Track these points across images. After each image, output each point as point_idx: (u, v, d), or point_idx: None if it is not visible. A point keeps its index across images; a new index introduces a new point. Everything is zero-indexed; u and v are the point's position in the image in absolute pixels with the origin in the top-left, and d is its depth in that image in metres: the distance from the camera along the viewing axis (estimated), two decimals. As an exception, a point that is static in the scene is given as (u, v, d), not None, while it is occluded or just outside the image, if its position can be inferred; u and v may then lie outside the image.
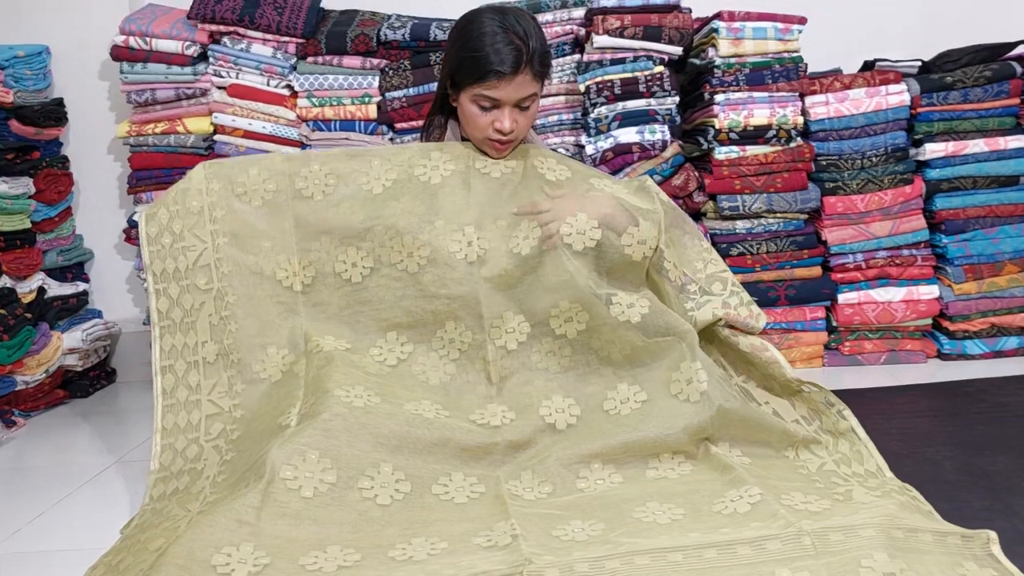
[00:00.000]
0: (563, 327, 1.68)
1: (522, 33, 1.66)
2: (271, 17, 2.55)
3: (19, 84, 2.64)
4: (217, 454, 1.62)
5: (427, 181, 1.73)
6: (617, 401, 1.65)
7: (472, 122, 1.73)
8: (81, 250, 2.88)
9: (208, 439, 1.65)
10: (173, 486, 1.60)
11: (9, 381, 2.37)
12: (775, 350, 1.75)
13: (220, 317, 1.69)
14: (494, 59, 1.64)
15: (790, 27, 2.49)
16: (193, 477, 1.60)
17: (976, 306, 2.52)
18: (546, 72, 1.73)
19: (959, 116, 2.53)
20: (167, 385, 1.68)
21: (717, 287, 1.81)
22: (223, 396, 1.67)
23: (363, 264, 1.71)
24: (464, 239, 1.69)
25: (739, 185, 2.50)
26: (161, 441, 1.65)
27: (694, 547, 1.22)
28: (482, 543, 1.30)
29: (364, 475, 1.45)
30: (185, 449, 1.64)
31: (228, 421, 1.65)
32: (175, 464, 1.63)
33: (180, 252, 1.71)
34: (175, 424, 1.66)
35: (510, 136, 1.72)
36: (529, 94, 1.70)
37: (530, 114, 1.75)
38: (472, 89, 1.69)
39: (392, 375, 1.66)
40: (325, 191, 1.73)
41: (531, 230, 1.69)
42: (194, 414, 1.66)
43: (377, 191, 1.73)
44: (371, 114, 2.61)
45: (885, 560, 1.13)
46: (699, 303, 1.78)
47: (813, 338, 2.56)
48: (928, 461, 1.73)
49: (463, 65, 1.69)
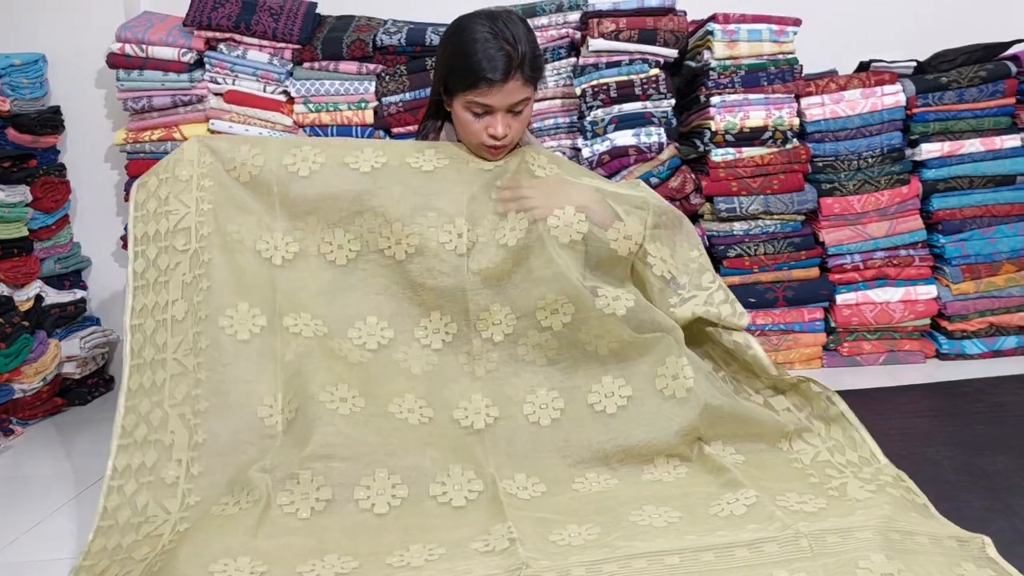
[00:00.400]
0: (549, 319, 1.68)
1: (511, 39, 1.65)
2: (267, 23, 2.55)
3: (15, 92, 2.64)
4: (186, 429, 1.54)
5: (419, 167, 1.73)
6: (602, 395, 1.64)
7: (466, 128, 1.73)
8: (79, 258, 2.88)
9: (172, 403, 1.56)
10: (139, 460, 1.53)
11: (6, 389, 2.37)
12: (758, 347, 1.75)
13: (193, 276, 1.63)
14: (485, 66, 1.63)
15: (785, 29, 2.49)
16: (160, 454, 1.53)
17: (974, 306, 2.52)
18: (537, 76, 1.73)
19: (955, 116, 2.53)
20: (135, 345, 1.63)
21: (707, 279, 1.81)
22: (187, 354, 1.59)
23: (349, 248, 1.70)
24: (455, 230, 1.68)
25: (736, 187, 2.50)
26: (125, 402, 1.58)
27: (691, 550, 1.22)
28: (479, 548, 1.30)
29: (359, 485, 1.45)
30: (149, 414, 1.57)
31: (192, 384, 1.57)
32: (138, 431, 1.56)
33: (163, 216, 1.68)
34: (140, 384, 1.60)
35: (504, 141, 1.72)
36: (521, 99, 1.70)
37: (523, 117, 1.75)
38: (464, 96, 1.69)
39: (373, 362, 1.64)
40: (313, 168, 1.70)
41: (518, 221, 1.69)
42: (159, 374, 1.59)
43: (365, 170, 1.70)
44: (368, 119, 2.61)
45: (882, 561, 1.13)
46: (683, 299, 1.78)
47: (811, 339, 2.56)
48: (928, 461, 1.73)
49: (454, 72, 1.69)
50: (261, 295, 1.64)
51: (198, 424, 1.54)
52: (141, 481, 1.52)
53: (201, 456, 1.52)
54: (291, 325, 1.62)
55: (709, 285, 1.81)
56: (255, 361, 1.58)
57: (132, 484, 1.52)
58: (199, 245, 1.65)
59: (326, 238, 1.70)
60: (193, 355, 1.58)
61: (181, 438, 1.54)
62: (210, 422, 1.54)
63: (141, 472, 1.53)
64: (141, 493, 1.51)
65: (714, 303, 1.78)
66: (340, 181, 1.70)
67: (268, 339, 1.61)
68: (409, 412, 1.58)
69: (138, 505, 1.50)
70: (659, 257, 1.76)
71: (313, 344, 1.61)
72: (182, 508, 1.47)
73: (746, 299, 2.53)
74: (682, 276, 1.79)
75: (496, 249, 1.68)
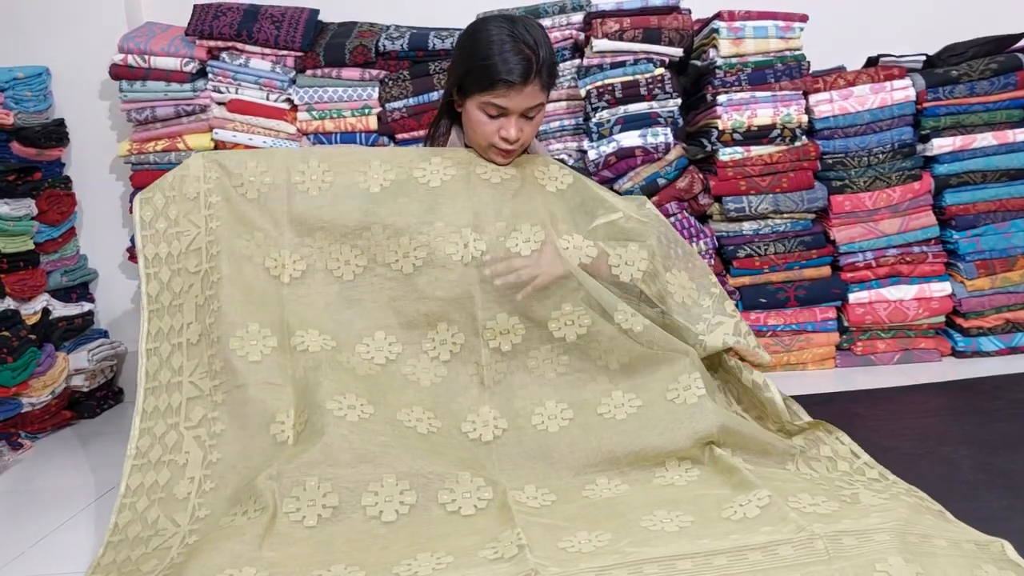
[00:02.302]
0: (563, 330, 1.66)
1: (532, 43, 1.64)
2: (269, 31, 2.55)
3: (19, 105, 2.64)
4: (200, 449, 1.56)
5: (427, 183, 1.72)
6: (612, 406, 1.63)
7: (478, 129, 1.72)
8: (85, 270, 2.87)
9: (188, 426, 1.58)
10: (152, 478, 1.55)
11: (15, 403, 2.36)
12: (776, 392, 1.70)
13: (205, 297, 1.65)
14: (502, 68, 1.62)
15: (791, 25, 2.46)
16: (174, 473, 1.54)
17: (990, 302, 2.48)
18: (553, 83, 1.73)
19: (966, 110, 2.50)
20: (151, 368, 1.64)
21: (729, 307, 1.79)
22: (203, 377, 1.61)
23: (356, 263, 1.69)
24: (461, 240, 1.67)
25: (744, 186, 2.48)
26: (140, 424, 1.60)
27: (704, 554, 1.19)
28: (488, 556, 1.28)
29: (367, 491, 1.44)
30: (164, 435, 1.59)
31: (209, 407, 1.59)
32: (153, 452, 1.58)
33: (174, 237, 1.69)
34: (155, 407, 1.61)
35: (515, 145, 1.71)
36: (536, 103, 1.69)
37: (535, 123, 1.74)
38: (480, 97, 1.68)
39: (382, 375, 1.63)
40: (321, 187, 1.70)
41: (532, 233, 1.68)
42: (175, 396, 1.61)
43: (375, 190, 1.71)
44: (371, 125, 2.59)
45: (900, 564, 1.10)
46: (710, 325, 1.75)
47: (824, 339, 2.53)
48: (945, 461, 1.69)
49: (471, 73, 1.68)
50: (270, 313, 1.64)
51: (213, 445, 1.55)
52: (152, 498, 1.53)
53: (213, 474, 1.53)
54: (299, 344, 1.62)
55: (733, 313, 1.79)
56: (267, 380, 1.58)
57: (144, 501, 1.53)
58: (209, 265, 1.66)
59: (333, 253, 1.70)
60: (209, 378, 1.60)
61: (195, 458, 1.55)
62: (225, 443, 1.55)
63: (153, 489, 1.54)
64: (152, 508, 1.51)
65: (741, 333, 1.77)
66: (348, 199, 1.70)
67: (279, 358, 1.61)
68: (418, 421, 1.57)
69: (148, 520, 1.50)
70: (678, 284, 1.75)
71: (321, 357, 1.60)
72: (192, 521, 1.47)
73: (757, 299, 2.50)
74: (704, 298, 1.77)
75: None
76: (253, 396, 1.56)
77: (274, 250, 1.69)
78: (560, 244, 1.66)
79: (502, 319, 1.67)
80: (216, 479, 1.52)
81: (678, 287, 1.76)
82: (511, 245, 1.67)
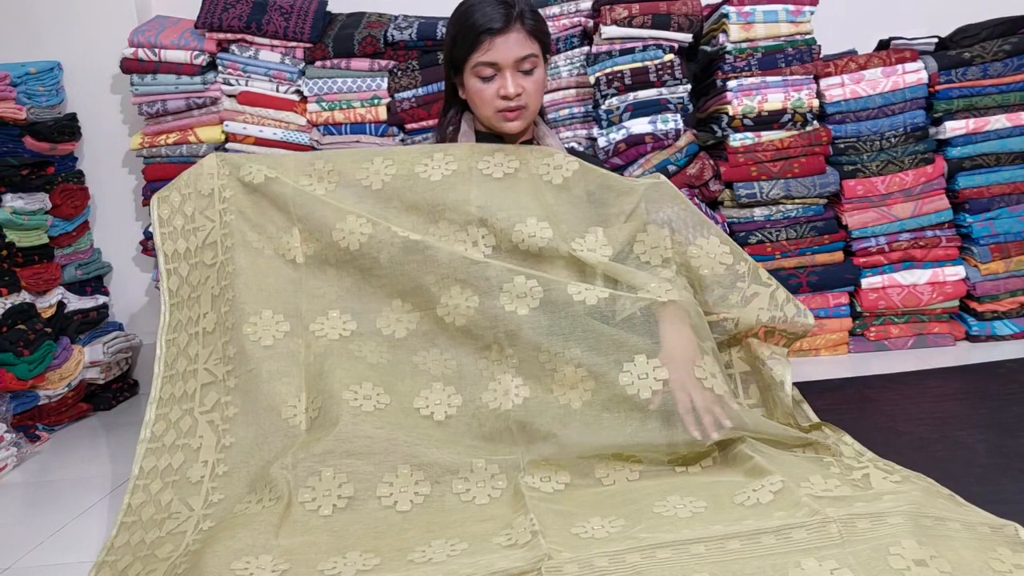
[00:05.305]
0: (583, 294, 1.58)
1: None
2: (278, 23, 2.55)
3: (32, 100, 2.66)
4: (214, 434, 1.58)
5: (427, 178, 1.72)
6: (634, 376, 1.53)
7: (479, 97, 1.72)
8: (99, 263, 2.89)
9: (203, 411, 1.62)
10: (166, 461, 1.58)
11: (32, 396, 2.38)
12: (789, 391, 1.64)
13: (220, 287, 1.68)
14: (482, 20, 1.65)
15: (801, 8, 2.45)
16: (188, 457, 1.57)
17: (1004, 285, 2.47)
18: (540, 28, 1.72)
19: (979, 92, 2.48)
20: (169, 357, 1.69)
21: (764, 275, 1.71)
22: (217, 363, 1.64)
23: (361, 231, 1.66)
24: (468, 239, 1.67)
25: (755, 172, 2.47)
26: (156, 411, 1.64)
27: (717, 539, 1.19)
28: (502, 542, 1.28)
29: (382, 481, 1.45)
30: (179, 420, 1.62)
31: (223, 392, 1.62)
32: (167, 436, 1.61)
33: (191, 233, 1.74)
34: (171, 395, 1.65)
35: (518, 101, 1.71)
36: (527, 54, 1.69)
37: (536, 80, 1.73)
38: (470, 61, 1.69)
39: (394, 363, 1.62)
40: (328, 188, 1.73)
41: (539, 229, 1.65)
42: (190, 383, 1.65)
43: (376, 187, 1.72)
44: (381, 116, 2.59)
45: (914, 547, 1.10)
46: (745, 297, 1.68)
47: (837, 324, 2.52)
48: (960, 445, 1.69)
49: (456, 41, 1.70)
50: (284, 300, 1.66)
51: (226, 429, 1.58)
52: (166, 480, 1.55)
53: (227, 457, 1.55)
54: (317, 330, 1.64)
55: (769, 282, 1.71)
56: (279, 364, 1.60)
57: (157, 483, 1.56)
58: (224, 257, 1.69)
59: (338, 224, 1.69)
60: (223, 364, 1.63)
61: (209, 441, 1.58)
62: (238, 426, 1.57)
63: (167, 472, 1.56)
64: (166, 491, 1.54)
65: (778, 303, 1.69)
66: (354, 199, 1.71)
67: (291, 342, 1.63)
68: (436, 405, 1.57)
69: (162, 502, 1.52)
70: (704, 252, 1.69)
71: (336, 346, 1.61)
72: (205, 505, 1.49)
73: (769, 285, 2.49)
74: (740, 264, 1.69)
75: (515, 250, 1.66)
76: (265, 379, 1.59)
77: (286, 235, 1.71)
78: (574, 249, 1.63)
79: (519, 283, 1.59)
80: (229, 463, 1.54)
81: (705, 257, 1.69)
82: (517, 240, 1.64)
